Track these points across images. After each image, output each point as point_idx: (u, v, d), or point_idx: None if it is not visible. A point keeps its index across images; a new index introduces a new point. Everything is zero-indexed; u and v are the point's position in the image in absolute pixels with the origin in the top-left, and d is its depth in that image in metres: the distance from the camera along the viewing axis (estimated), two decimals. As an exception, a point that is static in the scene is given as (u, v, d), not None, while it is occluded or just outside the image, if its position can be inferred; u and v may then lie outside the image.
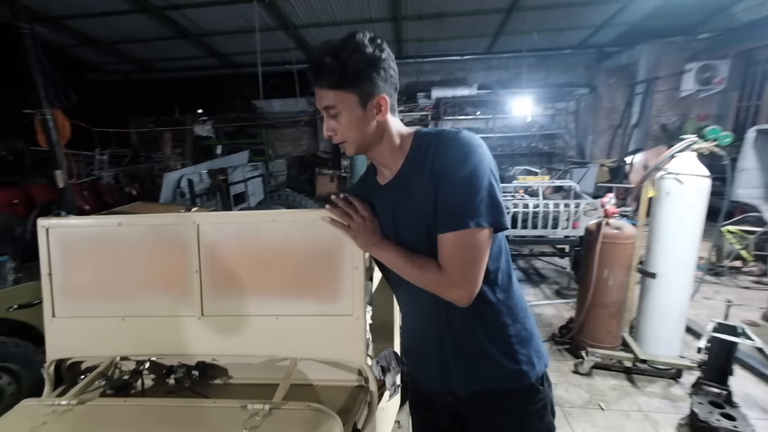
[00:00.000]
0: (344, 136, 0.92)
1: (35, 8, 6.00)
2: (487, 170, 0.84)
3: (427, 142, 0.91)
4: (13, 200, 5.58)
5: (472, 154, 0.84)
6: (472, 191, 0.83)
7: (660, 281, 2.56)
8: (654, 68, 7.30)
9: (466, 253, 0.86)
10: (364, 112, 0.89)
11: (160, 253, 1.31)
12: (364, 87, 0.87)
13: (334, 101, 0.88)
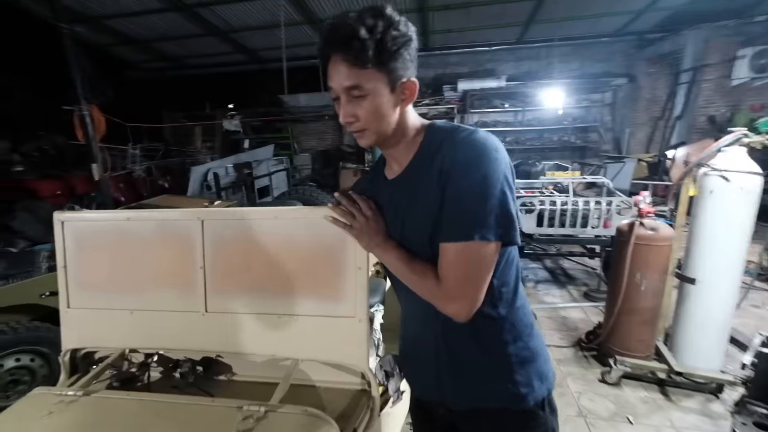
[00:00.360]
0: (366, 124, 0.82)
1: (77, 9, 6.31)
2: (500, 177, 0.76)
3: (440, 138, 0.83)
4: (56, 191, 5.95)
5: (486, 157, 0.76)
6: (481, 199, 0.75)
7: (700, 287, 2.35)
8: (701, 55, 6.73)
9: (468, 266, 0.78)
10: (392, 96, 0.81)
11: (167, 248, 1.32)
12: (396, 68, 0.78)
13: (361, 81, 0.77)
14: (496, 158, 0.77)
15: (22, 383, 2.34)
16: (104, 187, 4.58)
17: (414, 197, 0.86)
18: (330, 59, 0.79)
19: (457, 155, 0.78)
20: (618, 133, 8.80)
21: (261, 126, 9.86)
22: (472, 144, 0.78)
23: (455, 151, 0.78)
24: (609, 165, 6.31)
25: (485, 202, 0.75)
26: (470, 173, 0.76)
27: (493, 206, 0.75)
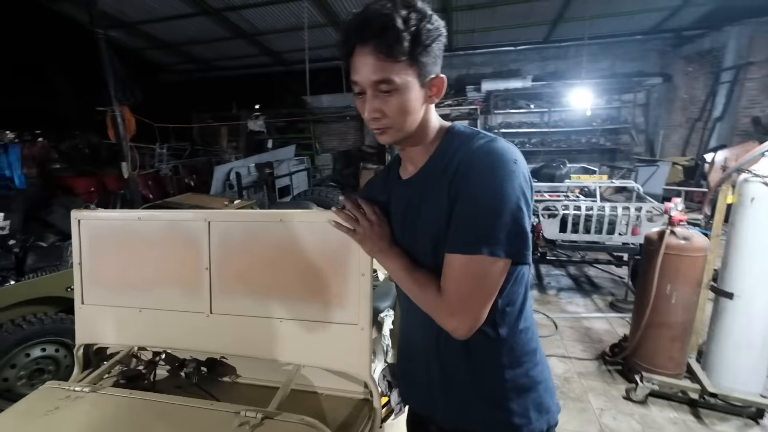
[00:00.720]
0: (392, 120, 0.77)
1: (114, 15, 6.61)
2: (517, 190, 0.71)
3: (457, 143, 0.79)
4: (90, 188, 6.25)
5: (503, 169, 0.71)
6: (493, 212, 0.71)
7: (738, 303, 2.17)
8: (745, 52, 6.31)
9: (472, 281, 0.73)
10: (420, 93, 0.77)
11: (174, 248, 1.33)
12: (427, 63, 0.74)
13: (392, 75, 0.72)
14: (513, 171, 0.72)
15: (47, 372, 2.43)
16: (132, 185, 4.76)
17: (424, 201, 0.83)
18: (355, 51, 0.74)
19: (473, 163, 0.73)
20: (651, 135, 8.41)
21: (284, 126, 10.03)
22: (489, 153, 0.73)
23: (471, 159, 0.74)
24: (641, 168, 6.03)
25: (498, 216, 0.70)
26: (484, 184, 0.71)
27: (506, 221, 0.70)
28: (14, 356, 2.31)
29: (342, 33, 0.76)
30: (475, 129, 0.83)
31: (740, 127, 6.54)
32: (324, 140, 10.10)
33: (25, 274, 2.58)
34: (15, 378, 2.32)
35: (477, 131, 0.81)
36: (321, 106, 9.63)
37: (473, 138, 0.78)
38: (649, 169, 5.95)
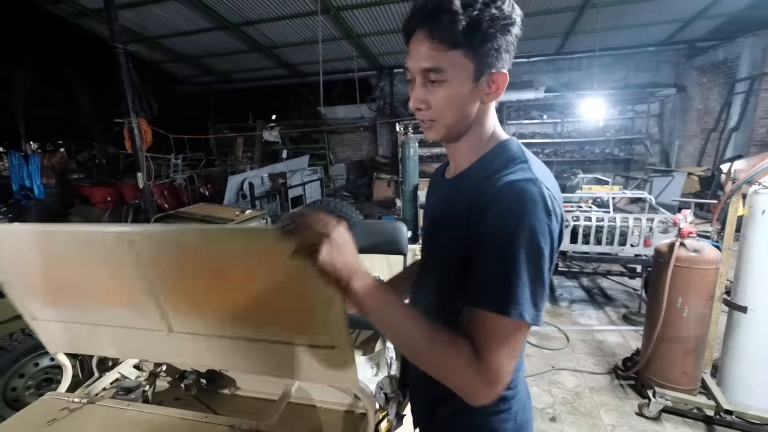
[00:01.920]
0: (437, 113, 0.70)
1: (136, 30, 6.89)
2: (548, 246, 0.64)
3: (497, 164, 0.71)
4: (107, 198, 6.43)
5: (536, 218, 0.62)
6: (531, 268, 0.62)
7: (753, 317, 2.13)
8: (760, 63, 6.24)
9: (508, 346, 0.65)
10: (475, 87, 0.68)
11: (106, 265, 1.12)
12: (487, 54, 0.66)
13: (443, 64, 0.66)
14: (541, 220, 0.63)
15: (55, 382, 2.39)
16: (147, 195, 4.89)
17: (448, 212, 0.77)
18: (413, 34, 0.68)
19: (500, 204, 0.64)
20: (666, 146, 8.30)
21: (299, 137, 10.20)
22: (522, 194, 0.63)
23: (497, 198, 0.64)
24: (655, 179, 5.95)
25: (533, 275, 0.63)
26: (516, 234, 0.62)
27: (538, 283, 0.64)
28: (23, 365, 2.30)
29: (408, 16, 0.70)
30: (521, 153, 0.73)
31: (757, 138, 6.42)
32: (338, 150, 10.24)
33: None
34: (23, 387, 2.31)
35: (519, 158, 0.71)
36: (335, 117, 9.78)
37: (509, 165, 0.69)
38: (664, 180, 5.87)
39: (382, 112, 9.47)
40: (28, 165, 6.88)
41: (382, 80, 9.33)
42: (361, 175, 9.79)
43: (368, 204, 8.47)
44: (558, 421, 2.33)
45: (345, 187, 9.45)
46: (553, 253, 0.66)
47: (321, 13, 5.83)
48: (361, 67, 8.57)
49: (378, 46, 7.81)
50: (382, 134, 9.71)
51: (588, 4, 5.79)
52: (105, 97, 9.09)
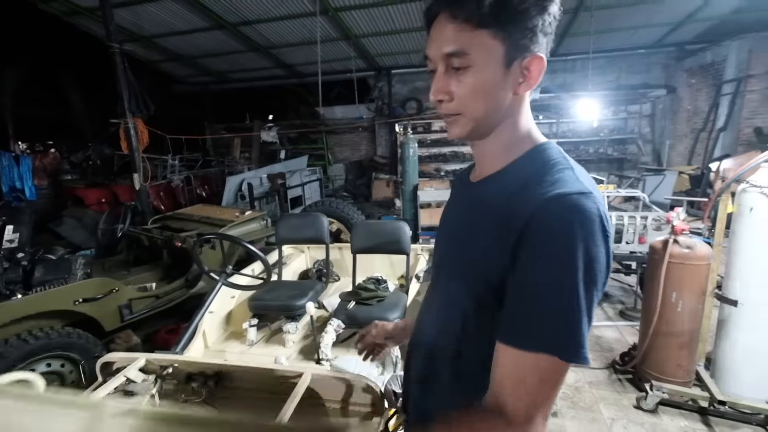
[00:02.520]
0: (462, 105, 0.61)
1: (132, 29, 6.84)
2: (603, 272, 0.56)
3: (536, 169, 0.61)
4: (101, 199, 6.38)
5: (593, 241, 0.53)
6: (576, 301, 0.53)
7: (743, 310, 2.22)
8: (745, 66, 6.43)
9: (545, 387, 0.56)
10: (506, 73, 0.60)
11: None
12: (519, 35, 0.58)
13: (466, 46, 0.58)
14: (602, 245, 0.54)
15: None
16: (144, 196, 4.87)
17: (474, 225, 0.66)
18: (435, 20, 0.61)
19: (552, 227, 0.54)
20: (658, 145, 8.47)
21: (297, 137, 10.21)
22: (578, 211, 0.54)
23: (549, 219, 0.54)
24: (648, 177, 6.07)
25: (579, 307, 0.54)
26: (568, 262, 0.53)
27: (585, 316, 0.54)
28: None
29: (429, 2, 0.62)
30: (563, 158, 0.63)
31: (743, 137, 6.61)
32: (336, 151, 10.26)
33: (32, 288, 2.55)
34: (17, 394, 2.31)
35: (561, 163, 0.61)
36: (334, 117, 9.79)
37: (552, 171, 0.59)
38: (656, 178, 5.99)
39: (381, 113, 9.51)
40: (19, 166, 6.78)
41: (381, 81, 9.38)
42: (360, 176, 9.82)
43: (367, 204, 8.51)
44: (559, 416, 2.39)
45: (344, 188, 9.47)
46: (607, 278, 0.57)
47: (319, 13, 5.86)
48: (360, 68, 8.60)
49: (376, 47, 7.85)
50: (380, 134, 9.75)
51: (582, 6, 5.90)
52: (98, 97, 9.00)
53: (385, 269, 3.03)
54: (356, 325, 2.24)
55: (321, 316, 2.56)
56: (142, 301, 2.95)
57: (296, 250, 3.28)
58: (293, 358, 2.16)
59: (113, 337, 2.80)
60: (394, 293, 2.49)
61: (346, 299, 2.37)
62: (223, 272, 2.08)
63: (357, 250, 2.63)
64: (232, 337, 2.42)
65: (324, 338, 2.08)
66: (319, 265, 3.08)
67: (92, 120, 10.52)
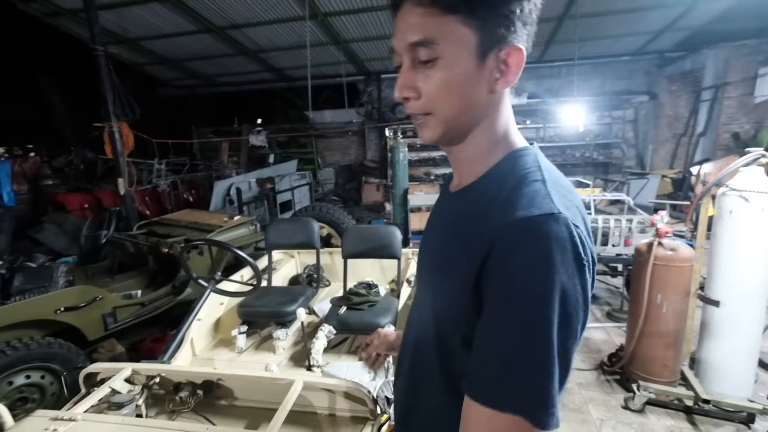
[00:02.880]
0: (431, 103, 0.54)
1: (116, 31, 6.73)
2: (578, 312, 0.48)
3: (506, 183, 0.54)
4: (83, 205, 6.22)
5: (561, 271, 0.46)
6: (545, 352, 0.46)
7: (725, 310, 2.28)
8: (722, 73, 6.67)
9: None
10: (480, 67, 0.52)
11: None
12: (494, 23, 0.50)
13: (435, 35, 0.50)
14: (576, 276, 0.47)
15: (31, 401, 2.27)
16: (129, 201, 4.78)
17: (449, 243, 0.60)
18: (401, 7, 0.53)
19: (516, 257, 0.47)
20: (641, 150, 8.69)
21: (286, 141, 10.16)
22: (545, 238, 0.46)
23: (515, 248, 0.47)
24: (632, 181, 6.21)
25: (549, 360, 0.46)
26: (538, 294, 0.46)
27: (565, 362, 0.47)
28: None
29: None
30: (535, 167, 0.55)
31: (722, 142, 6.83)
32: (326, 155, 10.23)
33: (11, 297, 2.47)
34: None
35: (532, 175, 0.54)
36: (323, 122, 9.78)
37: (521, 186, 0.52)
38: (640, 182, 6.13)
39: (370, 117, 9.54)
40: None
41: (370, 85, 9.41)
42: (349, 180, 9.81)
43: (357, 208, 8.49)
44: (549, 416, 2.41)
45: (334, 192, 9.44)
46: (586, 316, 0.50)
47: (309, 18, 5.86)
48: (349, 72, 8.62)
49: (365, 52, 7.88)
50: (370, 138, 9.77)
51: (566, 15, 6.03)
52: (81, 100, 8.79)
53: (375, 274, 3.02)
54: (347, 330, 2.22)
55: (312, 321, 2.54)
56: (126, 309, 2.88)
57: (286, 256, 3.25)
58: (284, 365, 2.13)
59: (96, 347, 2.73)
60: (385, 298, 2.49)
61: (337, 304, 2.36)
62: (211, 279, 2.05)
63: (348, 255, 2.62)
64: (220, 345, 2.37)
65: (315, 344, 2.06)
66: (310, 270, 3.06)
67: (74, 123, 10.27)
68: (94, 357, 2.65)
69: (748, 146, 5.17)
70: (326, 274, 3.13)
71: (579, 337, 0.49)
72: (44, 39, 8.10)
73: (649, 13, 6.06)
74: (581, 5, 5.58)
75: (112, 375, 1.34)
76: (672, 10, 5.98)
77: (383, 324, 2.12)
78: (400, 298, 2.45)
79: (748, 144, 5.98)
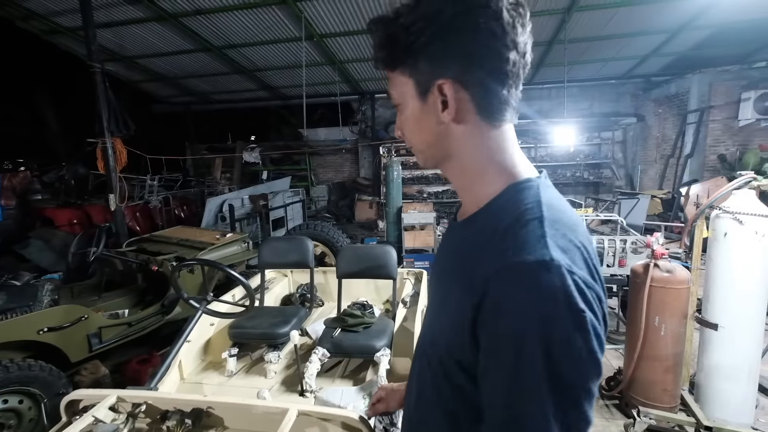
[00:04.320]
0: (408, 139, 0.66)
1: (114, 49, 6.78)
2: (582, 366, 0.45)
3: (505, 218, 0.54)
4: (72, 220, 6.11)
5: (550, 325, 0.44)
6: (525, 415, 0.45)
7: (723, 333, 2.27)
8: (706, 97, 6.91)
9: None
10: (424, 104, 0.59)
11: None
12: (423, 67, 0.57)
13: (392, 87, 0.63)
14: (570, 327, 0.44)
15: (7, 428, 2.16)
16: (119, 217, 4.70)
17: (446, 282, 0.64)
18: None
19: (509, 299, 0.47)
20: (630, 170, 8.85)
21: (280, 158, 10.17)
22: (536, 288, 0.45)
23: (504, 298, 0.47)
24: (623, 201, 6.29)
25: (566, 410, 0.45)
26: (514, 356, 0.45)
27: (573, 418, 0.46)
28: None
29: None
30: (535, 204, 0.53)
31: (709, 163, 7.00)
32: (319, 172, 10.26)
33: None
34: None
35: (530, 213, 0.52)
36: (317, 139, 9.85)
37: (518, 227, 0.51)
38: (630, 202, 6.21)
39: (364, 135, 9.63)
40: (-15, 186, 6.45)
41: (364, 104, 9.54)
42: (342, 197, 9.81)
43: (350, 225, 8.47)
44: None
45: (327, 209, 9.42)
46: (595, 367, 0.46)
47: (305, 39, 5.97)
48: (344, 92, 8.74)
49: (360, 73, 8.03)
50: (364, 156, 9.84)
51: (555, 39, 6.23)
52: (74, 116, 8.76)
53: (370, 294, 2.97)
54: (342, 353, 2.16)
55: (305, 344, 2.47)
56: (113, 329, 2.78)
57: (279, 274, 3.19)
58: (275, 390, 2.06)
59: (79, 369, 2.62)
60: (380, 319, 2.43)
61: (331, 326, 2.30)
62: (203, 299, 1.99)
63: (343, 274, 2.58)
64: (210, 368, 2.29)
65: (308, 368, 2.00)
66: (303, 289, 3.00)
67: (66, 139, 10.21)
68: (77, 379, 2.54)
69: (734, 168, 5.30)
70: (319, 294, 3.07)
71: (588, 389, 0.46)
72: (40, 56, 8.11)
73: (635, 39, 6.29)
74: (570, 31, 5.77)
75: (96, 402, 1.27)
76: (657, 37, 6.22)
77: (379, 347, 2.06)
78: (395, 319, 2.40)
79: (734, 165, 6.14)
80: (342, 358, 2.26)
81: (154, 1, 5.24)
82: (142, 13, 5.59)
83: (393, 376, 2.01)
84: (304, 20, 5.63)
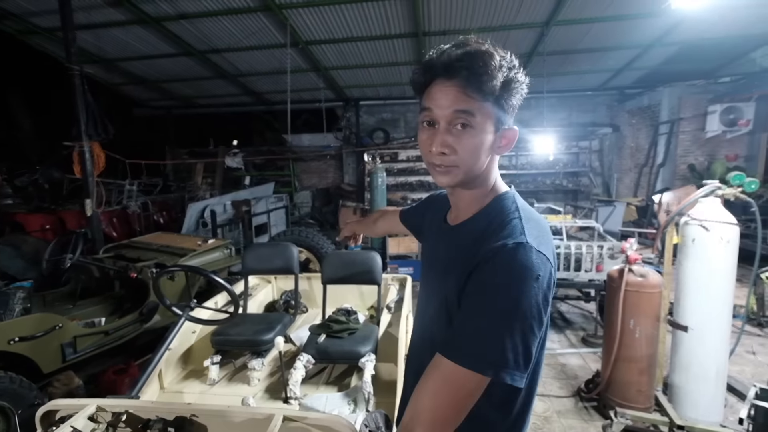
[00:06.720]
0: (461, 160, 0.75)
1: (92, 51, 6.61)
2: (532, 309, 0.66)
3: (494, 219, 0.77)
4: (45, 225, 5.89)
5: (523, 284, 0.66)
6: (503, 329, 0.65)
7: (693, 335, 2.38)
8: (677, 109, 7.28)
9: (449, 394, 0.67)
10: (493, 138, 0.75)
11: None
12: (506, 110, 0.75)
13: (476, 110, 0.72)
14: (533, 287, 0.66)
15: None
16: (95, 223, 4.57)
17: (451, 264, 0.80)
18: (436, 81, 0.74)
19: (492, 268, 0.68)
20: (607, 178, 9.15)
21: (263, 164, 10.05)
22: (512, 261, 0.67)
23: (492, 262, 0.69)
24: (600, 208, 6.49)
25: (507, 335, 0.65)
26: (499, 295, 0.67)
27: (516, 342, 0.65)
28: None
29: (426, 63, 0.75)
30: (513, 208, 0.78)
31: (680, 173, 7.33)
32: (303, 178, 10.19)
33: None
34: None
35: (510, 215, 0.76)
36: (301, 145, 9.79)
37: (503, 223, 0.75)
38: (607, 209, 6.41)
39: (348, 141, 9.65)
40: (-52, 190, 6.16)
41: (349, 111, 9.57)
42: (326, 203, 9.77)
43: (334, 231, 8.42)
44: (530, 445, 2.39)
45: (310, 215, 9.35)
46: (542, 314, 0.67)
47: (290, 46, 5.97)
48: (328, 98, 8.76)
49: (345, 79, 8.06)
50: (348, 162, 9.84)
51: (535, 51, 6.42)
52: (48, 118, 8.47)
53: (354, 299, 2.97)
54: (327, 359, 2.16)
55: (289, 350, 2.45)
56: (88, 338, 2.70)
57: (262, 281, 3.16)
58: (259, 398, 2.03)
59: (51, 380, 2.52)
60: (365, 325, 2.44)
61: (316, 332, 2.29)
62: (187, 306, 1.96)
63: (328, 280, 2.58)
64: (191, 376, 2.24)
65: (293, 375, 1.98)
66: (287, 296, 2.98)
67: (40, 142, 9.85)
68: (49, 391, 2.44)
69: (704, 177, 5.55)
70: (304, 300, 3.05)
71: (538, 331, 0.67)
72: (13, 56, 7.83)
73: (609, 53, 6.57)
74: (548, 44, 5.97)
75: (74, 413, 1.23)
76: (629, 52, 6.51)
77: (363, 353, 2.07)
78: (380, 325, 2.41)
79: (703, 175, 6.43)
80: (327, 365, 2.26)
81: (136, 4, 5.17)
82: (124, 16, 5.50)
83: (378, 382, 2.02)
84: (289, 27, 5.64)
